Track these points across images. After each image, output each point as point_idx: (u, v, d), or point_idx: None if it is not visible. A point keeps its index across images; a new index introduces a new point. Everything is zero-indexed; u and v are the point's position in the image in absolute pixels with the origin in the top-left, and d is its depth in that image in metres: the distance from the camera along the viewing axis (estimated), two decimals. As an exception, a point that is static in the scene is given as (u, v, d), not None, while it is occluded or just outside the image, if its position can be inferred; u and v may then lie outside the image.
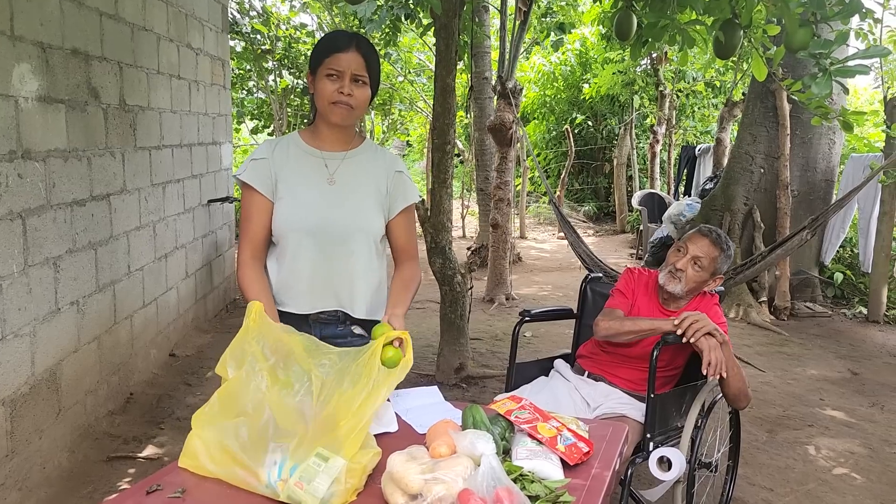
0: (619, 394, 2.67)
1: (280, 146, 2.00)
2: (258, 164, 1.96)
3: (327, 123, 1.97)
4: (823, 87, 2.24)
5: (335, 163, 1.99)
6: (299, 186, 1.95)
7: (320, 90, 1.91)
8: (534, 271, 8.90)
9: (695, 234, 2.67)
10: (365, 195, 1.99)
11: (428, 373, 4.64)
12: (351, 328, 2.03)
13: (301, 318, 1.98)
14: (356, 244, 1.97)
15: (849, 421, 4.11)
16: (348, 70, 1.88)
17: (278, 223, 1.95)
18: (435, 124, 4.14)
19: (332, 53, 1.89)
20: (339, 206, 1.95)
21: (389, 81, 12.02)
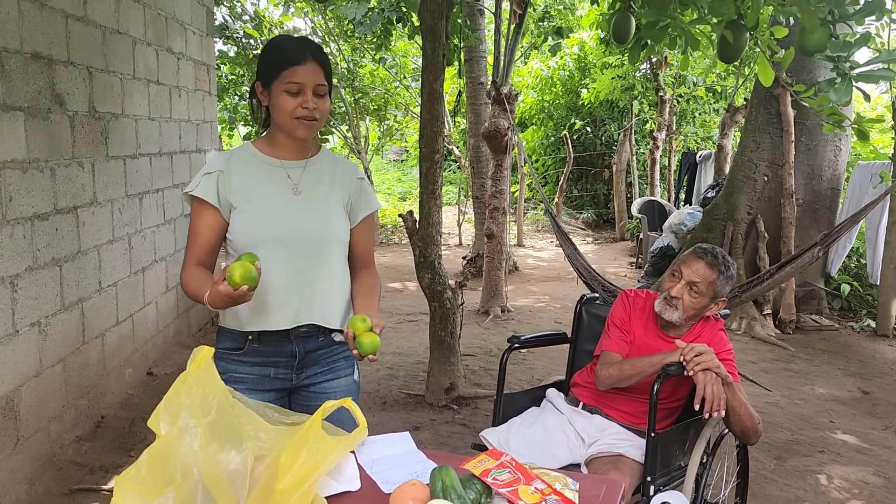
0: (617, 428, 2.45)
1: (235, 158, 1.91)
2: (211, 177, 1.87)
3: (285, 136, 1.89)
4: (843, 94, 2.03)
5: (297, 171, 1.93)
6: (264, 197, 1.89)
7: (280, 105, 1.83)
8: (531, 281, 8.68)
9: (689, 257, 2.44)
10: (331, 203, 1.94)
11: (417, 392, 4.42)
12: (331, 337, 1.97)
13: (282, 336, 1.91)
14: (330, 253, 1.93)
15: (861, 446, 3.88)
16: (309, 83, 1.82)
17: (245, 235, 1.87)
18: (422, 132, 3.93)
19: (290, 67, 1.81)
20: (308, 216, 1.90)
21: (385, 87, 11.80)
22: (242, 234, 1.86)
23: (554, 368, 4.97)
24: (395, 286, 8.24)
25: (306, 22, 11.23)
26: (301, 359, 1.93)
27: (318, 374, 1.98)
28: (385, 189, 16.78)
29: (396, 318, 6.63)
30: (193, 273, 1.88)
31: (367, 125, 12.27)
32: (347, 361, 2.03)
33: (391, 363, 5.10)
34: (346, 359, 2.02)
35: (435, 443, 3.73)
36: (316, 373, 1.97)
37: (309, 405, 1.98)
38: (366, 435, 1.65)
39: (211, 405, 1.45)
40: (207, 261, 1.92)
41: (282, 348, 1.91)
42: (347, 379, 2.03)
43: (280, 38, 1.94)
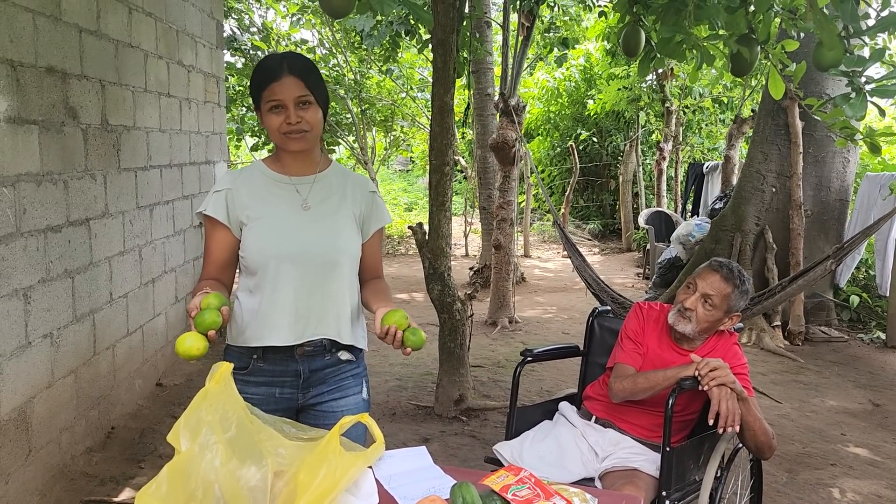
0: (631, 442, 2.44)
1: (244, 176, 1.93)
2: (220, 195, 1.89)
3: (287, 152, 1.90)
4: (859, 109, 2.03)
5: (305, 187, 1.93)
6: (273, 214, 1.89)
7: (268, 124, 1.86)
8: (538, 292, 8.68)
9: (704, 270, 2.44)
10: (342, 217, 1.94)
11: (426, 404, 4.41)
12: (338, 355, 1.96)
13: (286, 352, 1.90)
14: (341, 268, 1.92)
15: (874, 459, 3.86)
16: (289, 98, 1.81)
17: (254, 251, 1.87)
18: (433, 144, 3.94)
19: (268, 85, 1.82)
20: (318, 231, 1.90)
21: (391, 98, 11.85)
22: (252, 252, 1.86)
23: (563, 380, 4.96)
24: (403, 297, 8.24)
25: (314, 34, 11.30)
26: (306, 378, 1.93)
27: (325, 392, 1.96)
28: (391, 199, 16.80)
29: (404, 329, 6.62)
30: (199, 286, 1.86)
31: (373, 136, 12.31)
32: (356, 380, 2.01)
33: (400, 374, 5.10)
34: (355, 377, 2.01)
35: (444, 455, 3.72)
36: (323, 392, 1.96)
37: (317, 424, 1.96)
38: (383, 450, 1.65)
39: (231, 421, 1.45)
40: (222, 276, 1.92)
41: (287, 367, 1.91)
42: (356, 397, 2.02)
43: (263, 59, 1.95)
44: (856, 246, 3.66)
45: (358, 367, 2.03)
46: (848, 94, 2.12)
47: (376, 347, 5.91)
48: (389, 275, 9.65)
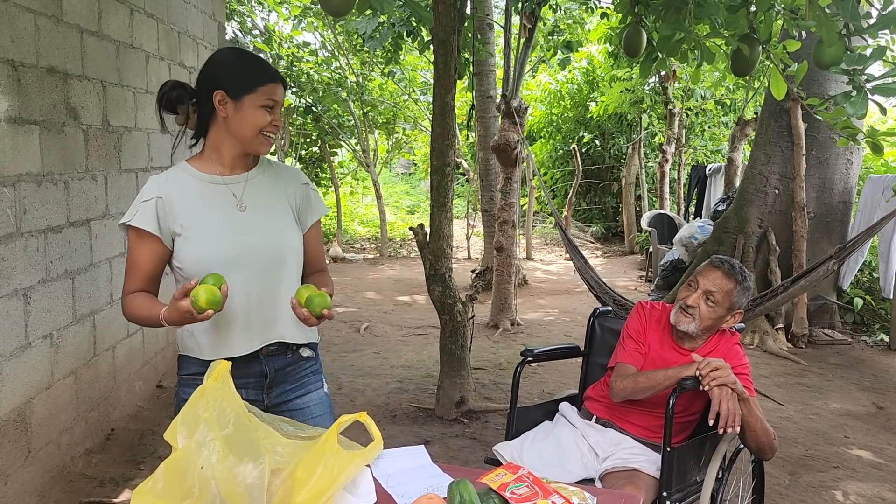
0: (631, 442, 2.43)
1: (171, 181, 1.82)
2: (149, 205, 1.77)
3: (237, 151, 1.83)
4: (860, 107, 2.02)
5: (239, 187, 1.85)
6: (210, 219, 1.80)
7: (251, 119, 1.78)
8: (540, 294, 8.66)
9: (706, 267, 2.43)
10: (280, 214, 1.89)
11: (428, 406, 4.40)
12: (299, 352, 1.94)
13: (251, 356, 1.85)
14: (288, 266, 1.88)
15: (877, 462, 3.84)
16: (281, 102, 1.82)
17: (194, 261, 1.78)
18: (434, 145, 3.93)
19: (268, 83, 1.79)
20: (258, 232, 1.83)
21: (394, 100, 11.86)
22: (192, 261, 1.77)
23: (564, 382, 4.94)
24: (404, 299, 8.24)
25: (316, 36, 11.33)
26: (271, 378, 1.89)
27: (288, 391, 1.93)
28: (393, 202, 16.81)
29: (406, 332, 6.62)
30: (139, 297, 1.81)
31: (375, 138, 12.32)
32: (315, 376, 2.00)
33: (401, 376, 5.09)
34: (314, 373, 1.99)
35: (445, 457, 3.71)
36: (286, 390, 1.93)
37: None
38: (381, 449, 1.64)
39: (228, 418, 1.44)
40: (152, 290, 1.84)
41: (250, 369, 1.85)
42: (319, 392, 2.00)
43: (244, 51, 1.91)
44: (858, 246, 3.64)
45: (316, 363, 2.01)
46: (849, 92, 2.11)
47: (377, 350, 5.91)
48: (391, 278, 9.65)
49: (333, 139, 11.67)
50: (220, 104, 1.77)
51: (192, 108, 1.85)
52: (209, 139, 1.84)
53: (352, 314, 7.29)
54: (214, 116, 1.80)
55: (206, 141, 1.85)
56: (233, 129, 1.79)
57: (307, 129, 11.57)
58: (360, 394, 4.68)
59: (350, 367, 5.30)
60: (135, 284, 1.81)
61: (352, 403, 4.48)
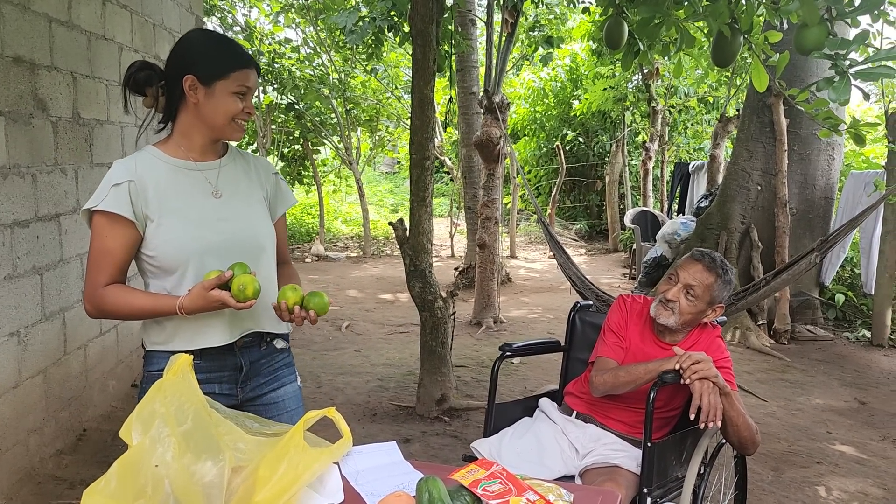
0: (612, 438, 2.38)
1: (142, 164, 1.74)
2: (121, 189, 1.68)
3: (208, 137, 1.78)
4: (842, 92, 1.97)
5: (213, 174, 1.80)
6: (185, 205, 1.74)
7: (224, 107, 1.73)
8: (523, 292, 8.62)
9: (686, 260, 2.38)
10: (254, 202, 1.85)
11: (408, 404, 4.33)
12: (273, 344, 1.91)
13: (225, 349, 1.80)
14: (267, 254, 1.85)
15: (860, 457, 3.81)
16: (254, 88, 1.77)
17: (171, 248, 1.72)
18: (413, 139, 3.87)
19: (242, 69, 1.73)
20: (235, 220, 1.79)
21: (376, 97, 11.77)
22: (169, 249, 1.71)
23: (547, 379, 4.90)
24: (387, 297, 8.17)
25: (297, 33, 11.21)
26: (246, 371, 1.84)
27: (262, 384, 1.89)
28: (377, 201, 16.71)
29: (387, 329, 6.55)
30: (123, 290, 1.72)
31: (358, 136, 12.23)
32: (289, 368, 1.96)
33: (381, 374, 5.02)
34: (287, 366, 1.95)
35: (426, 455, 3.64)
36: (260, 384, 1.88)
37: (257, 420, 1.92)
38: (350, 446, 1.58)
39: (187, 414, 1.37)
40: (122, 281, 1.74)
41: (225, 362, 1.80)
42: (293, 386, 1.96)
43: (216, 34, 1.85)
44: (840, 239, 3.61)
45: (289, 355, 1.97)
46: (831, 77, 2.07)
47: (359, 348, 5.84)
48: (373, 276, 9.58)
49: (316, 137, 11.57)
50: (190, 89, 1.71)
51: (161, 91, 1.78)
52: (178, 124, 1.77)
53: (333, 312, 7.20)
54: (184, 101, 1.74)
55: (175, 125, 1.78)
56: (204, 115, 1.73)
57: (289, 126, 11.46)
58: (340, 392, 4.61)
59: (330, 366, 5.23)
60: (106, 276, 1.71)
61: (331, 402, 4.40)
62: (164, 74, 1.77)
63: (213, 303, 1.63)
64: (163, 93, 1.77)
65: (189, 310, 1.67)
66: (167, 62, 1.77)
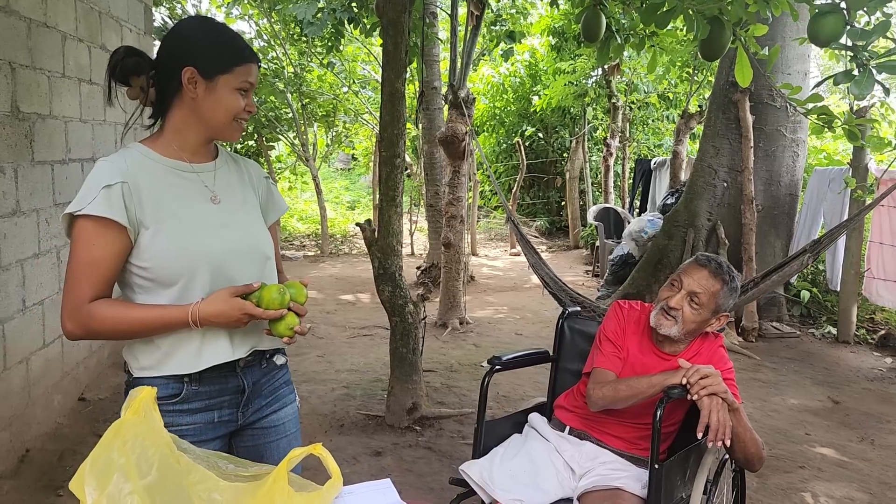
0: (611, 456, 2.22)
1: (134, 163, 1.54)
2: (114, 191, 1.48)
3: (204, 136, 1.62)
4: (865, 86, 1.84)
5: (209, 177, 1.64)
6: (184, 211, 1.57)
7: (226, 103, 1.56)
8: (487, 291, 8.47)
9: (691, 266, 2.23)
10: (251, 208, 1.71)
11: (377, 413, 4.12)
12: (274, 360, 1.75)
13: (227, 367, 1.61)
14: (271, 263, 1.71)
15: (841, 460, 3.75)
16: (255, 84, 1.63)
17: (172, 258, 1.53)
18: (382, 135, 3.66)
19: (246, 63, 1.58)
20: (236, 226, 1.63)
21: (333, 92, 11.48)
22: (170, 259, 1.52)
23: (519, 384, 4.74)
24: (348, 298, 7.93)
25: (251, 25, 10.85)
26: (248, 393, 1.66)
27: (264, 406, 1.71)
28: (333, 198, 16.40)
29: (350, 333, 6.33)
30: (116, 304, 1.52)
31: (314, 132, 11.91)
32: (289, 386, 1.80)
33: (347, 381, 4.80)
34: (287, 383, 1.79)
35: (400, 469, 3.45)
36: (261, 406, 1.71)
37: (256, 445, 1.72)
38: (340, 488, 1.37)
39: (151, 462, 1.16)
40: (109, 296, 1.55)
41: (226, 385, 1.62)
42: (293, 406, 1.80)
43: (218, 23, 1.66)
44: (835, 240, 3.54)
45: (288, 372, 1.81)
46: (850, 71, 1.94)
47: (321, 353, 5.60)
48: (333, 276, 9.33)
49: (270, 132, 11.23)
50: (189, 83, 1.54)
51: (151, 83, 1.59)
52: (171, 120, 1.59)
53: (293, 315, 6.93)
54: (180, 95, 1.56)
55: (167, 122, 1.60)
56: (203, 112, 1.57)
57: (246, 120, 11.09)
58: (304, 401, 4.37)
59: (293, 373, 4.95)
60: (93, 290, 1.50)
61: (296, 413, 4.17)
62: (156, 64, 1.59)
63: (235, 310, 1.50)
64: (153, 84, 1.59)
65: (206, 316, 1.50)
66: (160, 51, 1.59)
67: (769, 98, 6.42)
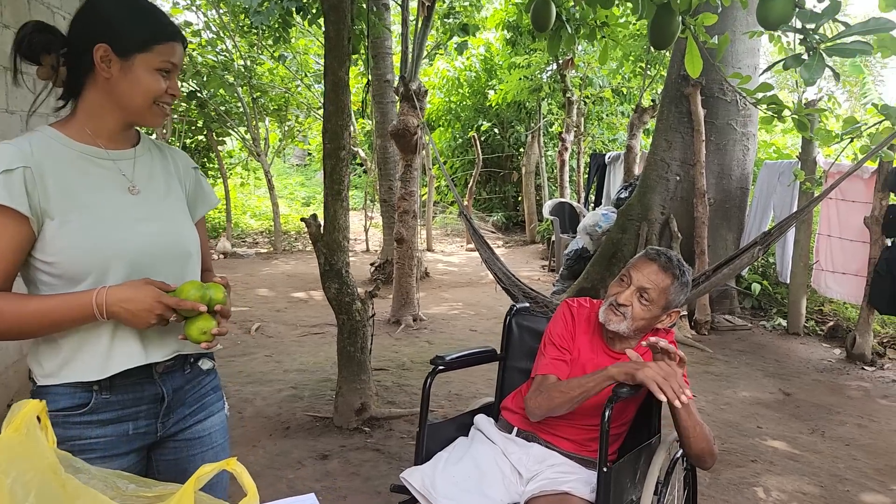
0: (559, 458, 2.13)
1: (39, 149, 1.39)
2: (14, 176, 1.33)
3: (121, 121, 1.47)
4: (816, 71, 1.78)
5: (127, 165, 1.49)
6: (98, 201, 1.43)
7: (143, 84, 1.43)
8: (442, 287, 8.37)
9: (640, 260, 2.13)
10: (175, 200, 1.56)
11: (325, 415, 3.99)
12: (199, 365, 1.60)
13: (142, 373, 1.46)
14: (193, 261, 1.56)
15: (792, 453, 3.74)
16: (180, 65, 1.49)
17: (82, 252, 1.38)
18: (326, 126, 3.51)
19: (168, 41, 1.44)
20: (157, 220, 1.49)
21: (285, 86, 11.24)
22: (78, 253, 1.38)
23: (472, 382, 4.65)
24: (300, 295, 7.75)
25: (199, 16, 10.56)
26: (168, 402, 1.52)
27: (187, 416, 1.57)
28: (288, 194, 16.13)
29: (301, 331, 6.17)
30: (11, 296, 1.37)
31: (266, 126, 11.66)
32: (217, 393, 1.65)
33: (295, 382, 4.65)
34: (215, 390, 1.65)
35: (346, 473, 3.32)
36: (184, 415, 1.56)
37: (178, 458, 1.57)
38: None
39: (29, 487, 1.02)
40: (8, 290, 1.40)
41: (142, 393, 1.48)
42: (220, 415, 1.65)
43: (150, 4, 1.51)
44: (785, 232, 3.52)
45: (216, 377, 1.67)
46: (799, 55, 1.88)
47: (270, 352, 5.44)
48: (285, 273, 9.13)
49: (221, 127, 10.95)
50: (102, 61, 1.40)
51: (62, 61, 1.43)
52: (84, 102, 1.45)
53: (242, 314, 6.75)
54: (93, 75, 1.42)
55: (80, 104, 1.45)
56: (118, 94, 1.43)
57: (192, 115, 10.79)
58: (248, 404, 4.22)
59: (238, 374, 4.81)
60: None
61: (239, 416, 4.01)
62: (67, 41, 1.43)
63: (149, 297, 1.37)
64: (64, 63, 1.43)
65: (114, 301, 1.36)
66: (72, 26, 1.44)
67: (720, 92, 6.44)
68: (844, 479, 3.45)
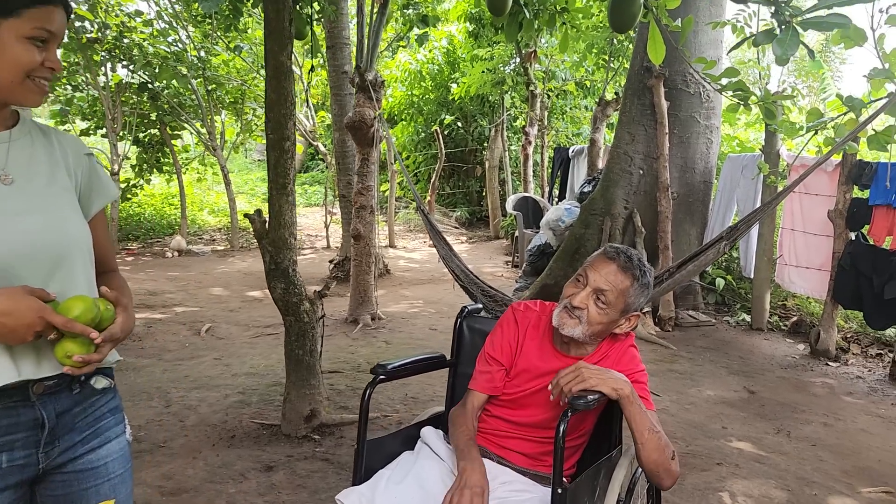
0: (512, 475, 1.95)
1: None
2: None
3: None
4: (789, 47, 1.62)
5: (1, 150, 1.30)
6: None
7: (12, 55, 1.24)
8: (403, 284, 8.17)
9: (598, 259, 1.94)
10: (60, 191, 1.36)
11: (273, 422, 3.77)
12: (90, 383, 1.39)
13: (16, 394, 1.26)
14: (73, 265, 1.33)
15: (758, 455, 3.62)
16: (60, 35, 1.30)
17: None
18: (269, 115, 3.29)
19: (41, 4, 1.26)
20: (35, 214, 1.29)
21: (241, 78, 10.92)
22: None
23: (431, 384, 4.46)
24: (255, 294, 7.49)
25: (151, 5, 10.18)
26: (51, 428, 1.30)
27: (78, 443, 1.36)
28: (248, 190, 15.77)
29: (253, 332, 5.92)
30: None
31: (223, 120, 11.32)
32: (115, 416, 1.44)
33: (244, 386, 4.41)
34: (113, 412, 1.44)
35: (292, 486, 3.11)
36: (74, 443, 1.35)
37: (68, 493, 1.35)
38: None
39: None
40: None
41: (18, 419, 1.26)
42: (120, 441, 1.44)
43: None
44: (751, 226, 3.39)
45: (115, 397, 1.45)
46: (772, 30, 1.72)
47: (219, 355, 5.19)
48: (241, 271, 8.86)
49: (175, 120, 10.59)
50: None
51: None
52: None
53: (192, 314, 6.47)
54: None
55: None
56: None
57: (144, 108, 10.41)
58: (192, 411, 3.97)
59: (184, 379, 4.56)
60: None
61: (181, 424, 3.77)
62: None
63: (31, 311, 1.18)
64: None
65: None
66: None
67: (683, 84, 6.33)
68: (812, 481, 3.33)
